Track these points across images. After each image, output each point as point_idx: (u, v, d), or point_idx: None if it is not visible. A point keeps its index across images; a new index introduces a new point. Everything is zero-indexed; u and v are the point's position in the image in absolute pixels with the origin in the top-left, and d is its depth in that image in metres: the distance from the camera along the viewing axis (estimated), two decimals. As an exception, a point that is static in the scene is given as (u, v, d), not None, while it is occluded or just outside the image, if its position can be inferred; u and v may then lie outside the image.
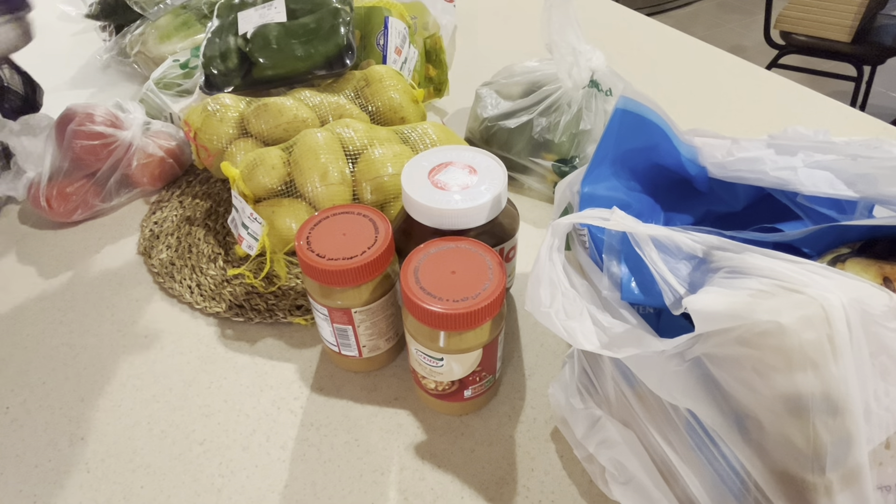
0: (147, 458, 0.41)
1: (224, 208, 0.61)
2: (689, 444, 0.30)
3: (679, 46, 0.90)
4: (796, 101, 0.76)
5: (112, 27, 0.87)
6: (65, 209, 0.59)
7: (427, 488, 0.39)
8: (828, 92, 0.78)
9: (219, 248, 0.57)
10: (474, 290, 0.36)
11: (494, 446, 0.41)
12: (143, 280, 0.55)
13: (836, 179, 0.32)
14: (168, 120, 0.69)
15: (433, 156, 0.45)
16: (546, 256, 0.32)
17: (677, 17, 3.05)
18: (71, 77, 0.87)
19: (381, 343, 0.44)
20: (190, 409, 0.44)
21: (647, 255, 0.30)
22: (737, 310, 0.26)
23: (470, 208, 0.40)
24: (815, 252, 0.33)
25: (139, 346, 0.49)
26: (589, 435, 0.37)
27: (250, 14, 0.62)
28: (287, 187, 0.51)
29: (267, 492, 0.39)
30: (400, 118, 0.60)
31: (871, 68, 1.87)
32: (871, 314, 0.25)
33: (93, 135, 0.59)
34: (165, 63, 0.74)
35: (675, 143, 0.37)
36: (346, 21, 0.61)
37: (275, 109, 0.56)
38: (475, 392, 0.41)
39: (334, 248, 0.39)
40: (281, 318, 0.50)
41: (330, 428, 0.42)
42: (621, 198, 0.38)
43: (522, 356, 0.47)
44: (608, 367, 0.35)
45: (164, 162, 0.63)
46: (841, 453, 0.24)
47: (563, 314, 0.31)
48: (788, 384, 0.25)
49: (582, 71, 0.54)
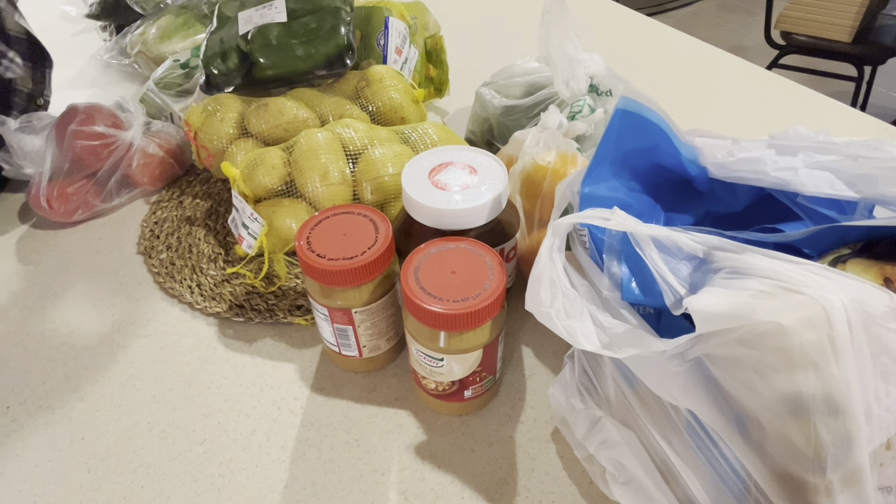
0: (147, 458, 0.41)
1: (224, 208, 0.61)
2: (690, 445, 0.30)
3: (679, 46, 0.90)
4: (797, 102, 0.76)
5: (112, 27, 0.87)
6: (65, 209, 0.59)
7: (427, 488, 0.39)
8: (828, 92, 0.77)
9: (219, 248, 0.57)
10: (474, 291, 0.36)
11: (494, 446, 0.41)
12: (143, 280, 0.55)
13: (837, 180, 0.32)
14: (168, 120, 0.69)
15: (433, 156, 0.45)
16: (546, 256, 0.32)
17: (678, 18, 3.05)
18: (71, 77, 0.87)
19: (381, 343, 0.44)
20: (190, 409, 0.44)
21: (648, 256, 0.30)
22: (737, 310, 0.26)
23: (470, 208, 0.40)
24: (815, 253, 0.33)
25: (139, 346, 0.49)
26: (589, 435, 0.37)
27: (250, 14, 0.62)
28: (287, 187, 0.51)
29: (267, 492, 0.39)
30: (400, 118, 0.60)
31: (871, 68, 1.87)
32: (871, 315, 0.25)
33: (93, 135, 0.59)
34: (166, 63, 0.74)
35: (676, 143, 0.37)
36: (346, 21, 0.61)
37: (275, 109, 0.56)
38: (475, 392, 0.41)
39: (334, 249, 0.39)
40: (281, 318, 0.50)
41: (330, 428, 0.42)
42: (622, 198, 0.38)
43: (522, 356, 0.47)
44: (608, 368, 0.35)
45: (164, 162, 0.63)
46: (841, 454, 0.24)
47: (563, 314, 0.31)
48: (789, 385, 0.25)
49: (580, 82, 0.54)
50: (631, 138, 0.37)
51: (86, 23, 1.02)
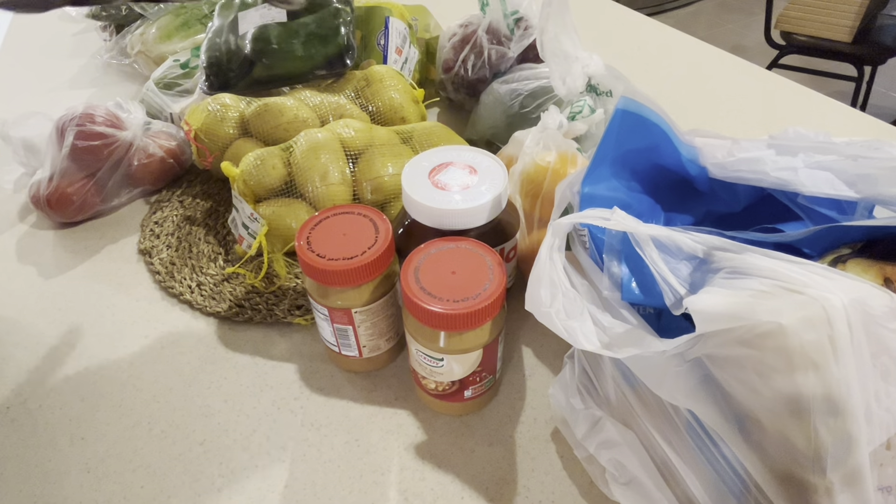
0: (147, 458, 0.41)
1: (224, 208, 0.61)
2: (690, 445, 0.30)
3: (680, 46, 0.90)
4: (797, 102, 0.76)
5: (112, 27, 0.87)
6: (65, 209, 0.59)
7: (427, 488, 0.39)
8: (828, 92, 0.77)
9: (219, 248, 0.57)
10: (474, 291, 0.36)
11: (495, 446, 0.41)
12: (143, 280, 0.55)
13: (837, 180, 0.32)
14: (168, 120, 0.69)
15: (433, 156, 0.45)
16: (546, 256, 0.32)
17: (678, 17, 3.05)
18: (71, 77, 0.87)
19: (381, 343, 0.44)
20: (190, 409, 0.44)
21: (648, 256, 0.30)
22: (738, 310, 0.26)
23: (470, 208, 0.40)
24: (815, 252, 0.33)
25: (139, 346, 0.49)
26: (589, 435, 0.37)
27: (250, 14, 0.62)
28: (287, 187, 0.51)
29: (267, 492, 0.39)
30: (400, 118, 0.60)
31: (871, 68, 1.87)
32: (872, 315, 0.25)
33: (93, 135, 0.59)
34: (166, 63, 0.74)
35: (676, 143, 0.37)
36: (346, 21, 0.61)
37: (275, 109, 0.56)
38: (475, 392, 0.41)
39: (334, 248, 0.39)
40: (281, 318, 0.50)
41: (330, 428, 0.42)
42: (622, 198, 0.38)
43: (522, 356, 0.47)
44: (608, 368, 0.35)
45: (164, 162, 0.63)
46: (842, 454, 0.24)
47: (563, 314, 0.31)
48: (789, 385, 0.25)
49: (576, 79, 0.54)
50: (631, 138, 0.37)
51: (86, 23, 1.02)
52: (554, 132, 0.49)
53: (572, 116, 0.52)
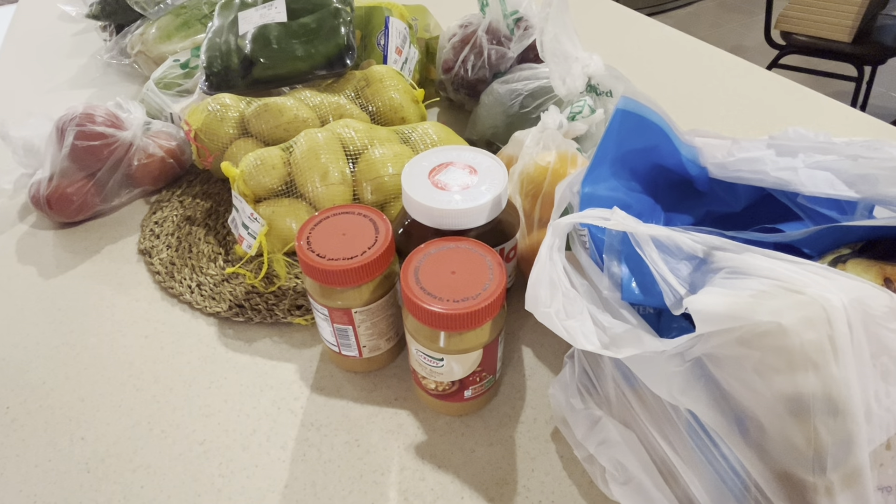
0: (147, 458, 0.41)
1: (224, 208, 0.61)
2: (690, 445, 0.30)
3: (680, 46, 0.90)
4: (797, 102, 0.76)
5: (112, 27, 0.87)
6: (65, 209, 0.59)
7: (427, 488, 0.39)
8: (828, 92, 0.78)
9: (219, 248, 0.57)
10: (474, 291, 0.36)
11: (495, 447, 0.41)
12: (143, 280, 0.55)
13: (837, 180, 0.32)
14: (168, 120, 0.69)
15: (433, 156, 0.45)
16: (546, 256, 0.32)
17: (678, 18, 3.05)
18: (71, 77, 0.87)
19: (381, 343, 0.44)
20: (190, 409, 0.44)
21: (648, 256, 0.30)
22: (738, 310, 0.26)
23: (470, 208, 0.40)
24: (815, 253, 0.33)
25: (139, 346, 0.49)
26: (589, 435, 0.37)
27: (250, 14, 0.62)
28: (287, 187, 0.51)
29: (267, 492, 0.39)
30: (400, 118, 0.60)
31: (871, 68, 1.87)
32: (872, 315, 0.25)
33: (93, 135, 0.59)
34: (166, 63, 0.74)
35: (676, 143, 0.37)
36: (346, 21, 0.61)
37: (275, 109, 0.56)
38: (475, 392, 0.41)
39: (334, 248, 0.39)
40: (281, 318, 0.50)
41: (330, 428, 0.42)
42: (622, 198, 0.38)
43: (522, 356, 0.47)
44: (608, 368, 0.35)
45: (164, 162, 0.63)
46: (842, 454, 0.24)
47: (563, 314, 0.31)
48: (789, 385, 0.25)
49: (576, 78, 0.54)
50: (631, 138, 0.37)
51: (86, 23, 1.02)
52: (554, 132, 0.49)
53: (572, 116, 0.52)
